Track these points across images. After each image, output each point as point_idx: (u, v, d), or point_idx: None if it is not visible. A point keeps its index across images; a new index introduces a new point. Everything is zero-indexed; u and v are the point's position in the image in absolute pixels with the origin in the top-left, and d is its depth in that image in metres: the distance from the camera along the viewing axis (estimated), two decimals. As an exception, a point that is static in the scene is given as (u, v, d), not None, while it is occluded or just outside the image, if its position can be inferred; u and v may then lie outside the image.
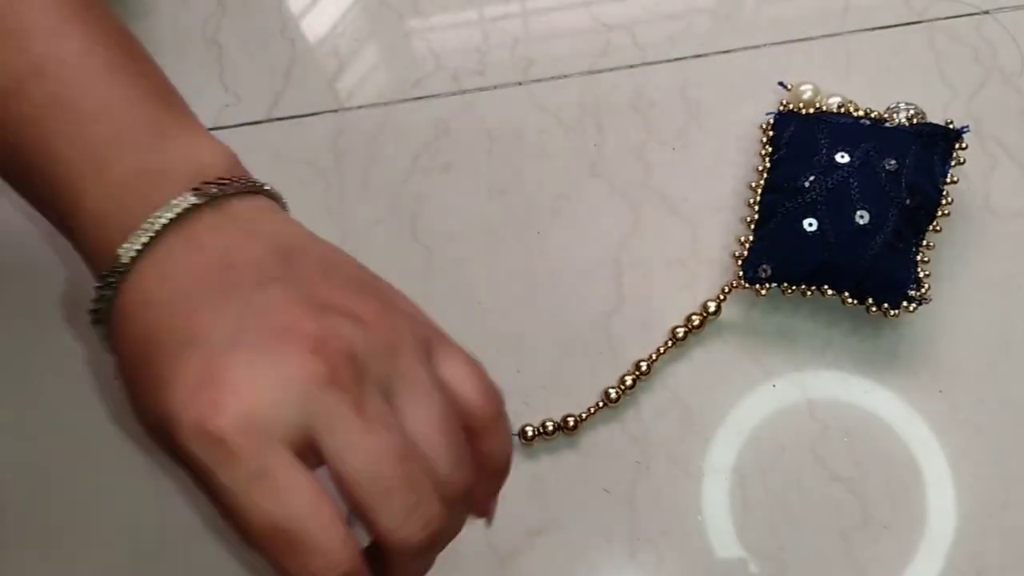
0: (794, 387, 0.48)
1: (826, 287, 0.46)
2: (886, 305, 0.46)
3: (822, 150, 0.47)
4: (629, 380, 0.47)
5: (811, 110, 0.50)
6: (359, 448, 0.27)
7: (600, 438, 0.47)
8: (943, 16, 0.54)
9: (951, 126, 0.48)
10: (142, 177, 0.31)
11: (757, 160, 0.50)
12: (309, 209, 0.52)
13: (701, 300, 0.49)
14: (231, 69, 0.55)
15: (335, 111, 0.54)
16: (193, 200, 0.30)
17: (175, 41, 0.56)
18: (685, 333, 0.47)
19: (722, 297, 0.48)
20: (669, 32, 0.55)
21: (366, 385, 0.28)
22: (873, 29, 0.54)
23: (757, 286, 0.47)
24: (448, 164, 0.53)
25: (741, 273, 0.47)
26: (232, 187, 0.31)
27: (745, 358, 0.48)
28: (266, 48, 0.56)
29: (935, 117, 0.51)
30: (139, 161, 0.31)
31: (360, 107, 0.54)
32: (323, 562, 0.27)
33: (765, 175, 0.49)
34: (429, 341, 0.31)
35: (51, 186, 0.32)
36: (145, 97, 0.33)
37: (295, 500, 0.27)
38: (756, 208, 0.48)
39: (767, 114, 0.50)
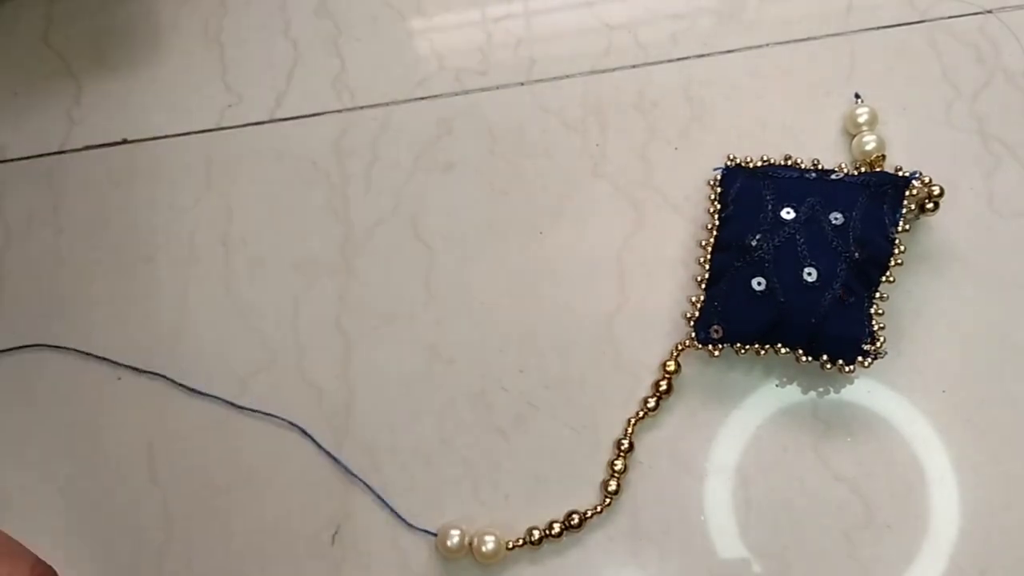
0: (797, 387, 0.48)
1: (779, 345, 0.46)
2: (840, 362, 0.45)
3: (767, 207, 0.46)
4: (619, 464, 0.46)
5: (759, 163, 0.49)
6: None
7: (601, 440, 0.47)
8: (946, 16, 0.54)
9: (901, 173, 0.47)
10: None
11: (706, 217, 0.49)
12: (312, 209, 0.52)
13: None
14: (234, 69, 0.55)
15: (338, 111, 0.54)
16: None
17: (177, 41, 0.56)
18: (657, 402, 0.47)
19: (676, 354, 0.47)
20: (672, 32, 0.55)
21: None
22: (876, 29, 0.54)
23: (710, 347, 0.46)
24: (451, 164, 0.53)
25: (693, 334, 0.47)
26: None
27: (749, 358, 0.48)
28: (269, 48, 0.56)
29: (939, 117, 0.51)
30: None
31: (363, 107, 0.54)
32: None
33: (715, 233, 0.48)
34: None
35: None
36: None
37: None
38: (707, 267, 0.48)
39: (715, 169, 0.50)
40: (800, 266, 0.45)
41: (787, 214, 0.46)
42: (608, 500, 0.46)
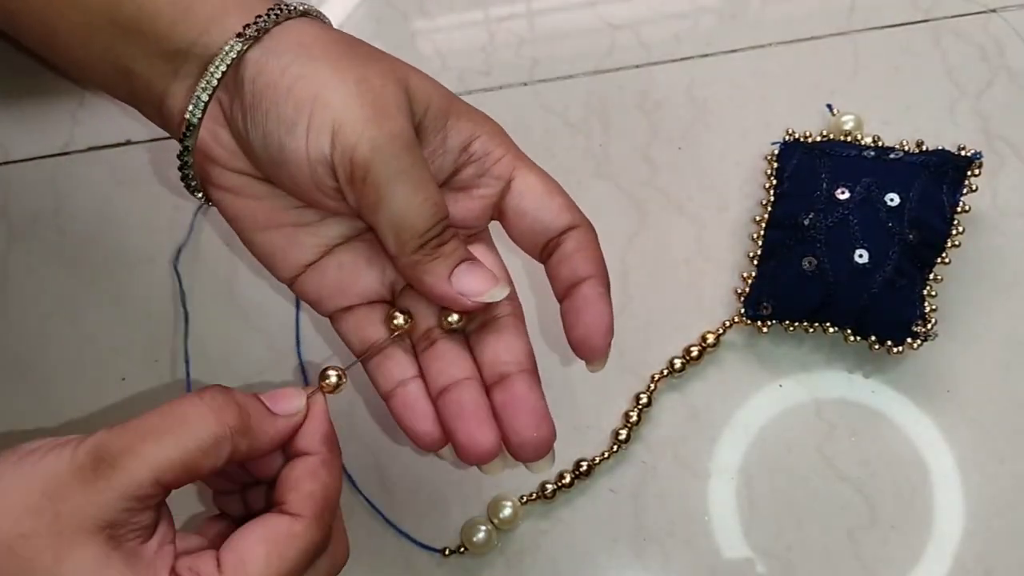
0: (800, 387, 0.47)
1: (828, 324, 0.46)
2: (889, 342, 0.45)
3: (822, 185, 0.46)
4: (634, 415, 0.46)
5: (818, 138, 0.49)
6: None
7: (606, 438, 0.47)
8: (950, 15, 0.54)
9: (963, 152, 0.47)
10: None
11: (762, 193, 0.49)
12: (315, 210, 0.52)
13: (706, 300, 0.49)
14: (237, 70, 0.55)
15: (341, 112, 0.54)
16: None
17: (181, 42, 0.56)
18: (683, 364, 0.47)
19: (721, 331, 0.47)
20: (675, 31, 0.55)
21: None
22: (880, 28, 0.54)
23: (759, 323, 0.47)
24: (454, 164, 0.53)
25: (743, 309, 0.47)
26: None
27: (751, 358, 0.48)
28: (272, 49, 0.56)
29: (943, 116, 0.51)
30: None
31: (366, 108, 0.54)
32: None
33: (769, 209, 0.48)
34: None
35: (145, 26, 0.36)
36: None
37: None
38: (759, 244, 0.48)
39: (772, 143, 0.50)
40: (852, 248, 0.45)
41: (841, 194, 0.45)
42: (616, 447, 0.46)
